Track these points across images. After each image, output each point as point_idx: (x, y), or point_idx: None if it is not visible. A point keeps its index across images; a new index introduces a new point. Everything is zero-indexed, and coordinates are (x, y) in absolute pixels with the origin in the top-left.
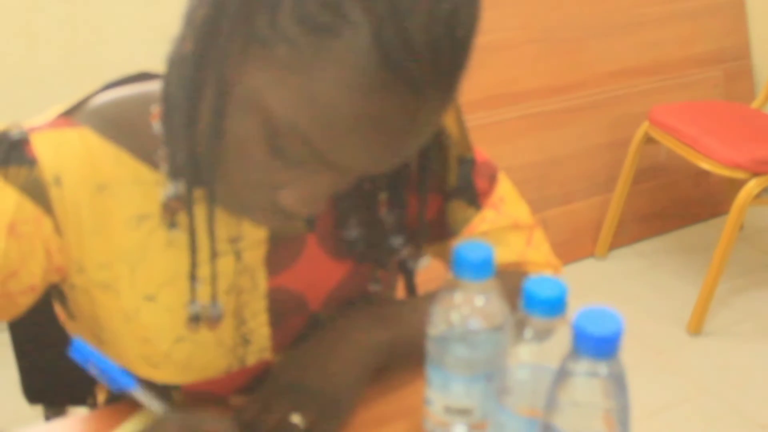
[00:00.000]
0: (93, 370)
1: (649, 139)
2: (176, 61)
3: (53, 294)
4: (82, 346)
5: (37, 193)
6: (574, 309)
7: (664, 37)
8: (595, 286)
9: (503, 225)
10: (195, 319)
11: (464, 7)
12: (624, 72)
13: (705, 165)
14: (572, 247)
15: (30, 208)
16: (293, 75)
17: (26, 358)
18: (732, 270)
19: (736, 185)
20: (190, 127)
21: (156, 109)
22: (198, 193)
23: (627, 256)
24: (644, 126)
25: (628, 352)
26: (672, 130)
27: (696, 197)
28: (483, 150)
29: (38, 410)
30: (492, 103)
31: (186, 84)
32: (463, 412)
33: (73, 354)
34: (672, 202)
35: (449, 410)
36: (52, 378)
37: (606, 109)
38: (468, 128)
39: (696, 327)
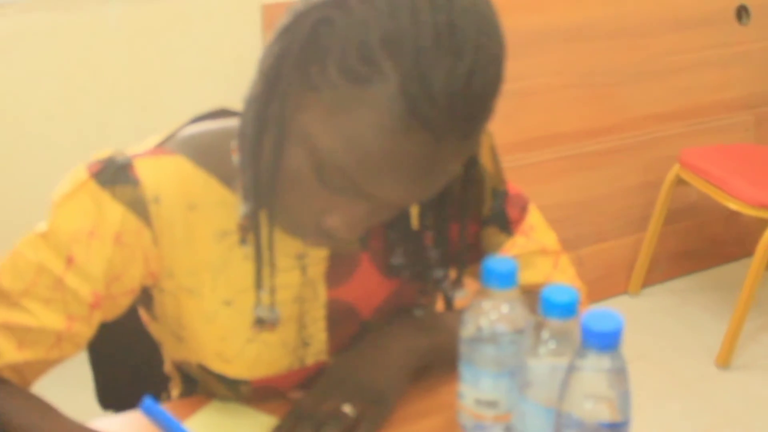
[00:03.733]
0: (161, 426)
1: (680, 181)
2: (248, 101)
3: (139, 300)
4: (152, 404)
5: (140, 208)
6: None
7: (695, 82)
8: (628, 322)
9: (532, 250)
10: (259, 322)
11: (482, 69)
12: (656, 116)
13: (733, 205)
14: (606, 284)
15: (133, 221)
16: (335, 116)
17: (101, 366)
18: (761, 308)
19: (767, 226)
20: (255, 158)
21: (234, 145)
22: (264, 216)
23: (659, 293)
24: (675, 168)
25: (660, 385)
26: (702, 172)
27: (726, 237)
28: (518, 186)
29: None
30: (530, 146)
31: (254, 121)
32: (490, 404)
33: (144, 410)
34: (703, 242)
35: (479, 402)
36: (126, 383)
37: (639, 151)
38: (502, 165)
39: (725, 361)
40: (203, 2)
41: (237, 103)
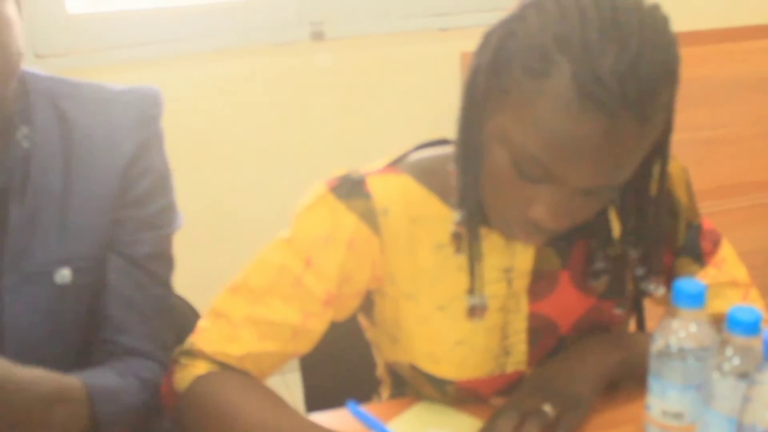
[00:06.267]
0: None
1: None
2: (458, 115)
3: (361, 308)
4: (356, 408)
5: (370, 219)
6: None
7: None
8: None
9: (723, 281)
10: (472, 309)
11: (647, 54)
12: None
13: None
14: None
15: (365, 230)
16: (522, 110)
17: (311, 373)
18: None
19: None
20: (465, 163)
21: (452, 167)
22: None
23: None
24: None
25: None
26: None
27: None
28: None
29: None
30: (721, 193)
31: (461, 131)
32: (676, 416)
33: (351, 411)
34: None
35: (665, 414)
36: (335, 388)
37: None
38: (697, 201)
39: None
40: (407, 50)
41: None
